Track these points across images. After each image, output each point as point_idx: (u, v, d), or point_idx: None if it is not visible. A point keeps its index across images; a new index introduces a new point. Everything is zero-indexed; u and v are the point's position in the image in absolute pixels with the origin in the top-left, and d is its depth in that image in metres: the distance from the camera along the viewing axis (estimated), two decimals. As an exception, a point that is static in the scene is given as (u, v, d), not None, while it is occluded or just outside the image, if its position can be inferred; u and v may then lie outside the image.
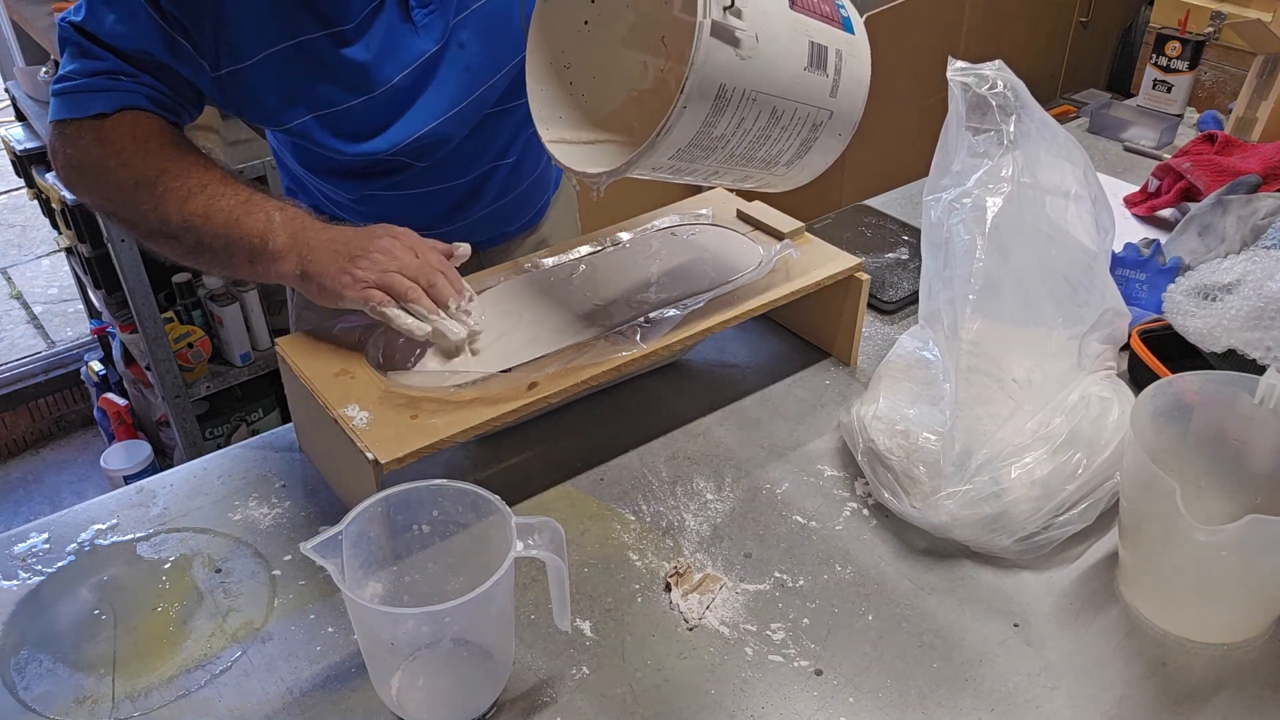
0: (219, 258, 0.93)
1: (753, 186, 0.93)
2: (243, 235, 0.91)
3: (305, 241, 0.91)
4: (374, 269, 0.89)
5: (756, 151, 0.85)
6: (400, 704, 0.73)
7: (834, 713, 0.73)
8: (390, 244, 0.91)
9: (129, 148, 0.93)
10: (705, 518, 0.90)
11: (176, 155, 0.94)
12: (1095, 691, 0.75)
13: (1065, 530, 0.83)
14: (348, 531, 0.69)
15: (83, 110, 0.92)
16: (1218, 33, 1.91)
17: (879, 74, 0.93)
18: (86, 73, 0.92)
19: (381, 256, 0.89)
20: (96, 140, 0.93)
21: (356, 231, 0.93)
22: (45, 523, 0.91)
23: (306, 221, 0.93)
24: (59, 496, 2.55)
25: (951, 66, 0.92)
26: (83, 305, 2.80)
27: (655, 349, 0.91)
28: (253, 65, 0.94)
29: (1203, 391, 0.83)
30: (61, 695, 0.75)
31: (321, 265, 0.90)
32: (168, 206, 0.92)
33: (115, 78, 0.92)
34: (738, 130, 0.80)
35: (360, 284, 0.88)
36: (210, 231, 0.91)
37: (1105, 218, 0.93)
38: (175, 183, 0.92)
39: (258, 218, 0.91)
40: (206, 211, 0.91)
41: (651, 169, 0.82)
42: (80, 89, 0.92)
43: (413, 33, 0.99)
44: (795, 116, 0.83)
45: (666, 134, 0.76)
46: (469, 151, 1.10)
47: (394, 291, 0.88)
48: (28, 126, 2.27)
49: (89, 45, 0.92)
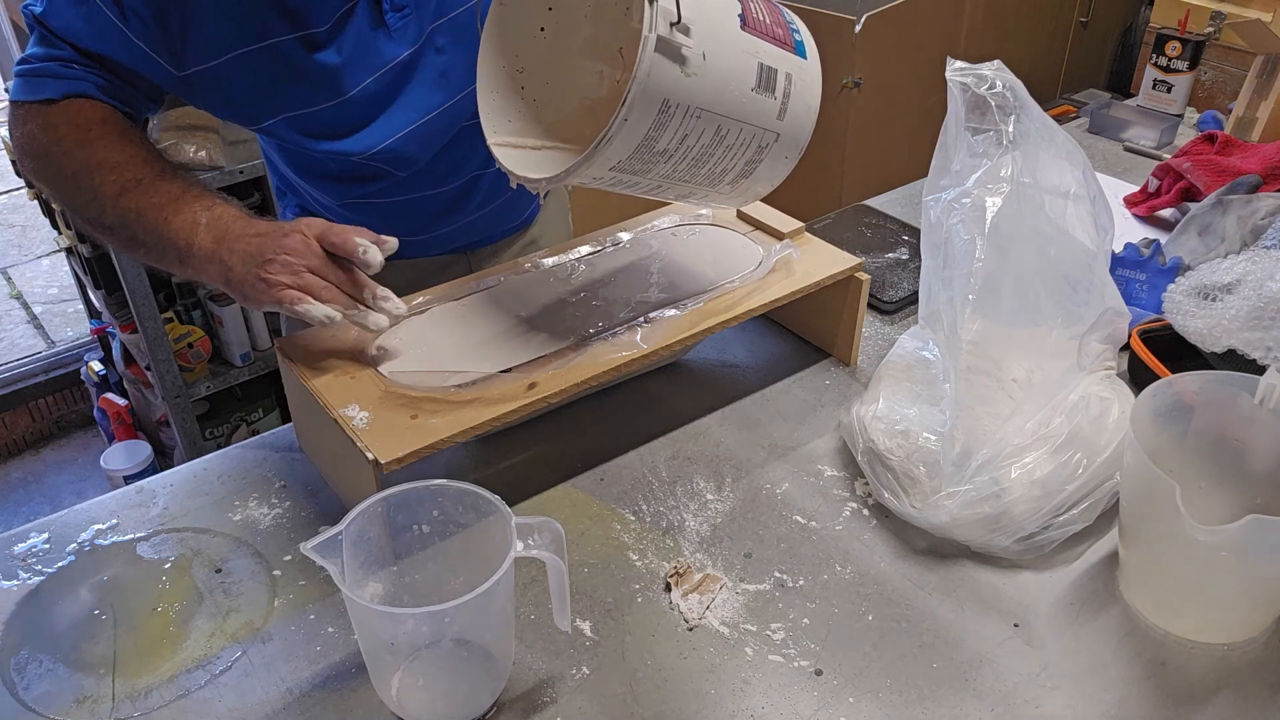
0: (153, 254, 0.92)
1: (697, 203, 0.93)
2: (170, 236, 0.89)
3: (228, 245, 0.89)
4: (285, 271, 0.87)
5: (700, 169, 0.84)
6: (400, 704, 0.73)
7: (834, 713, 0.73)
8: (294, 242, 0.88)
9: (70, 135, 0.92)
10: (705, 518, 0.90)
11: (117, 146, 0.93)
12: (1095, 691, 0.75)
13: (1065, 530, 0.83)
14: (348, 531, 0.69)
15: (33, 94, 0.92)
16: (1218, 33, 1.91)
17: (879, 75, 0.93)
18: (44, 57, 0.92)
19: (289, 258, 0.87)
20: (41, 125, 0.93)
21: (267, 230, 0.90)
22: (45, 523, 0.91)
23: (232, 224, 0.90)
24: (59, 496, 2.55)
25: (951, 67, 0.92)
26: (83, 305, 2.80)
27: (655, 349, 0.91)
28: (221, 65, 0.93)
29: (1203, 391, 0.83)
30: (61, 695, 0.75)
31: (237, 274, 0.88)
32: (103, 199, 0.91)
33: (69, 65, 0.92)
34: (680, 146, 0.80)
35: (274, 287, 0.86)
36: (142, 228, 0.91)
37: (1105, 218, 0.93)
38: (111, 175, 0.91)
39: (185, 218, 0.90)
40: (139, 208, 0.91)
41: (593, 179, 0.81)
42: (35, 73, 0.92)
43: (386, 37, 0.98)
44: (740, 137, 0.83)
45: (607, 144, 0.76)
46: (451, 160, 1.09)
47: (310, 290, 0.86)
48: (28, 126, 2.27)
49: (45, 33, 0.92)
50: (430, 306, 0.97)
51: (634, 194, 0.88)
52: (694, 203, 0.93)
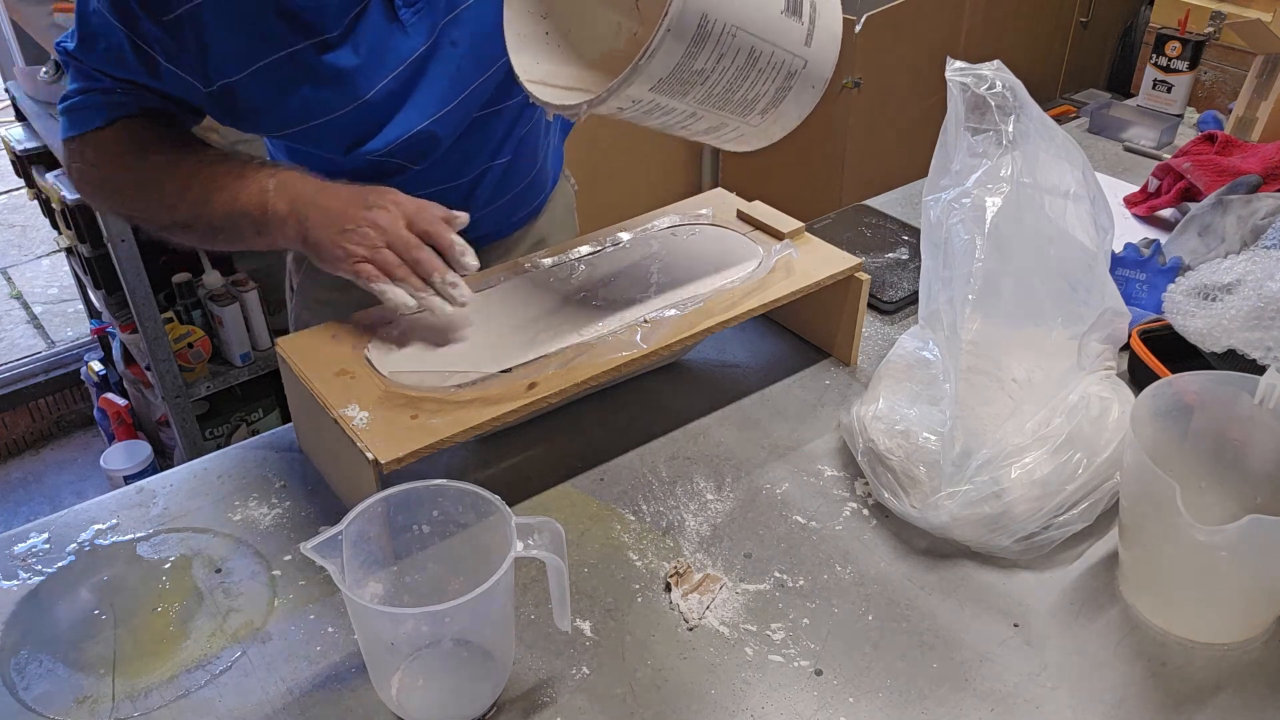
0: (231, 236, 0.95)
1: (726, 140, 0.93)
2: (243, 210, 0.92)
3: (303, 205, 0.92)
4: (365, 243, 0.89)
5: (734, 93, 0.85)
6: (400, 704, 0.73)
7: (834, 713, 0.73)
8: (380, 215, 0.90)
9: (127, 152, 0.97)
10: (705, 518, 0.90)
11: (170, 148, 0.97)
12: (1095, 691, 0.75)
13: (1065, 530, 0.83)
14: (348, 531, 0.69)
15: (82, 126, 0.97)
16: (1218, 33, 1.91)
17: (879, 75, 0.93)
18: (85, 90, 0.97)
19: (371, 231, 0.89)
20: (97, 151, 0.98)
21: (350, 195, 0.92)
22: (45, 523, 0.91)
23: (302, 185, 0.93)
24: (59, 496, 2.55)
25: (950, 67, 0.92)
26: (83, 305, 2.80)
27: (655, 349, 0.91)
28: (243, 79, 0.94)
29: (1203, 391, 0.83)
30: (61, 695, 0.75)
31: (317, 234, 0.90)
32: (173, 199, 0.95)
33: (108, 93, 0.96)
34: (717, 66, 0.81)
35: (352, 259, 0.89)
36: (216, 213, 0.94)
37: (1104, 217, 0.93)
38: (173, 173, 0.96)
39: (252, 189, 0.93)
40: (206, 195, 0.94)
41: (632, 102, 0.81)
42: (78, 106, 0.97)
43: (401, 32, 0.98)
44: (772, 60, 0.84)
45: (649, 60, 0.77)
46: (462, 152, 1.10)
47: (384, 267, 0.88)
48: (28, 126, 2.27)
49: (83, 67, 0.96)
50: (430, 306, 0.97)
51: (666, 127, 0.88)
52: (725, 139, 0.93)
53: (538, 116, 1.16)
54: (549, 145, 1.24)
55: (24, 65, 2.30)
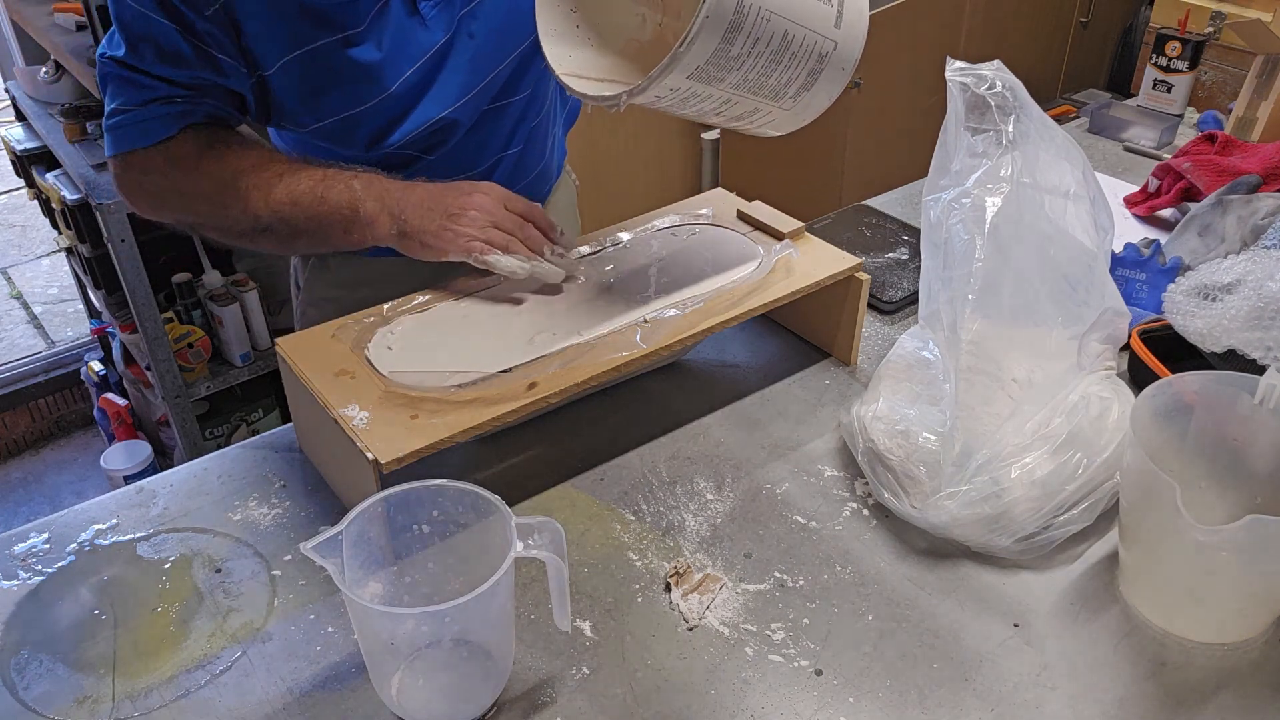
0: (314, 237, 0.99)
1: (758, 125, 0.94)
2: (331, 210, 0.97)
3: (394, 202, 0.97)
4: (474, 225, 0.96)
5: (768, 79, 0.86)
6: (400, 704, 0.73)
7: (834, 713, 0.73)
8: (482, 200, 0.98)
9: (202, 159, 0.98)
10: (705, 518, 0.90)
11: (246, 153, 0.99)
12: (1095, 691, 0.75)
13: (1065, 530, 0.83)
14: (348, 531, 0.69)
15: (148, 138, 0.96)
16: (1218, 33, 1.91)
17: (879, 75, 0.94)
18: (139, 102, 0.95)
19: (477, 214, 0.97)
20: (168, 161, 0.97)
21: (443, 188, 0.99)
22: (45, 523, 0.91)
23: (386, 183, 0.99)
24: (59, 496, 2.55)
25: (950, 67, 0.92)
26: (83, 305, 2.80)
27: (655, 349, 0.91)
28: (275, 73, 0.96)
29: (1203, 391, 0.83)
30: (61, 695, 0.75)
31: (420, 224, 0.96)
32: (254, 203, 0.97)
33: (171, 101, 0.96)
34: (752, 51, 0.83)
35: (463, 238, 0.96)
36: (301, 215, 0.97)
37: (1104, 217, 0.93)
38: (254, 178, 0.97)
39: (340, 190, 0.97)
40: (292, 198, 0.97)
41: (670, 90, 0.83)
42: (138, 119, 0.96)
43: (421, 25, 1.00)
44: (804, 44, 0.86)
45: (688, 47, 0.78)
46: (476, 142, 1.11)
47: (495, 244, 0.96)
48: (28, 126, 2.27)
49: (136, 77, 0.94)
50: (430, 306, 0.97)
51: (700, 115, 0.89)
52: (758, 125, 0.94)
53: (546, 108, 1.17)
54: (554, 137, 1.24)
55: (24, 65, 2.30)
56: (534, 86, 1.12)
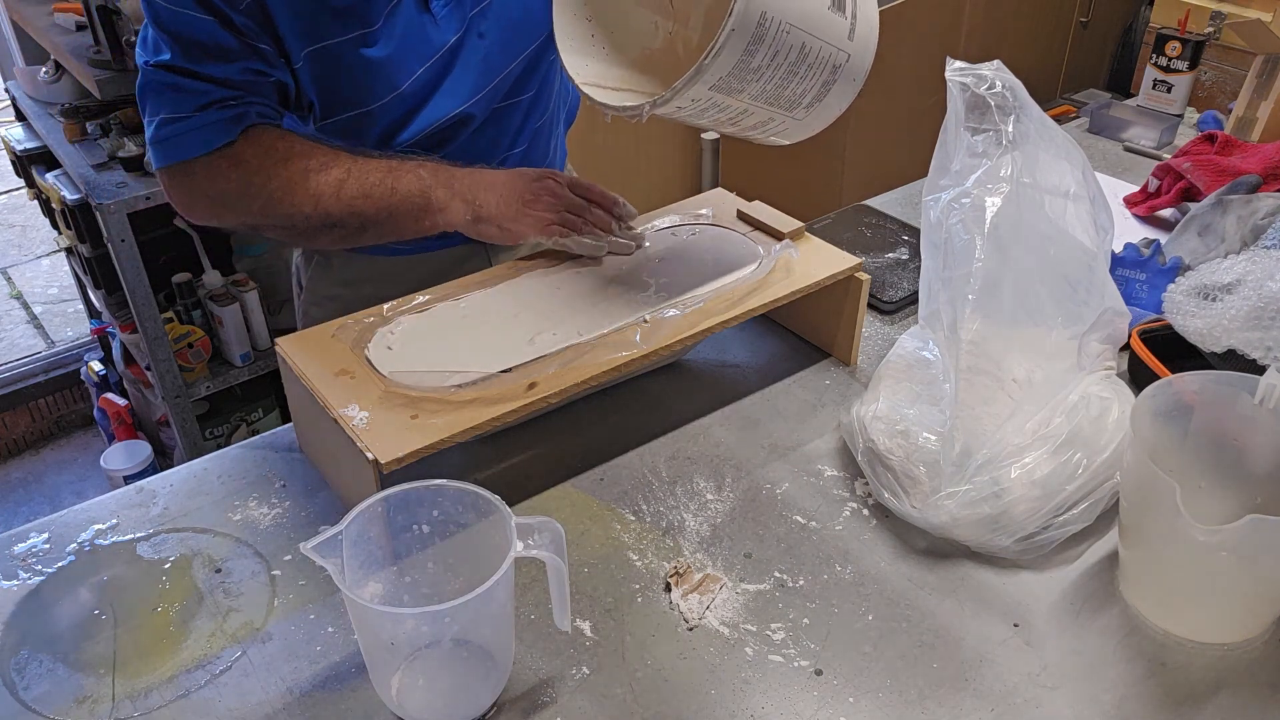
0: (384, 228, 1.02)
1: (770, 134, 0.95)
2: (404, 199, 1.00)
3: (465, 188, 1.02)
4: (550, 210, 1.02)
5: (784, 89, 0.88)
6: (400, 704, 0.73)
7: (834, 713, 0.73)
8: (552, 185, 1.03)
9: (268, 161, 0.98)
10: (705, 518, 0.90)
11: (309, 152, 1.00)
12: (1095, 691, 0.75)
13: (1065, 530, 0.83)
14: (348, 531, 0.69)
15: (209, 145, 0.96)
16: (1218, 33, 1.91)
17: (879, 75, 0.94)
18: (191, 108, 0.95)
19: (551, 198, 1.02)
20: (233, 165, 0.97)
21: (510, 175, 1.04)
22: (45, 523, 0.91)
23: (452, 170, 1.03)
24: (59, 496, 2.55)
25: (950, 67, 0.92)
26: (83, 305, 2.80)
27: (655, 349, 0.91)
28: (300, 67, 0.98)
29: (1203, 391, 0.83)
30: (61, 695, 0.75)
31: (497, 209, 1.02)
32: (325, 199, 0.99)
33: (225, 106, 0.95)
34: (772, 63, 0.84)
35: (542, 221, 1.02)
36: (374, 208, 1.00)
37: (1104, 217, 0.93)
38: (322, 176, 0.99)
39: (408, 180, 1.00)
40: (364, 191, 0.99)
41: (691, 100, 0.84)
42: (194, 126, 0.95)
43: (432, 24, 1.01)
44: (820, 55, 0.87)
45: (714, 58, 0.80)
46: (485, 141, 1.12)
47: (570, 227, 1.02)
48: (28, 126, 2.27)
49: (185, 82, 0.94)
50: (430, 306, 0.97)
51: (716, 124, 0.91)
52: (770, 134, 0.95)
53: (551, 107, 1.17)
54: (557, 137, 1.25)
55: (24, 65, 2.30)
56: (540, 86, 1.12)
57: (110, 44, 1.87)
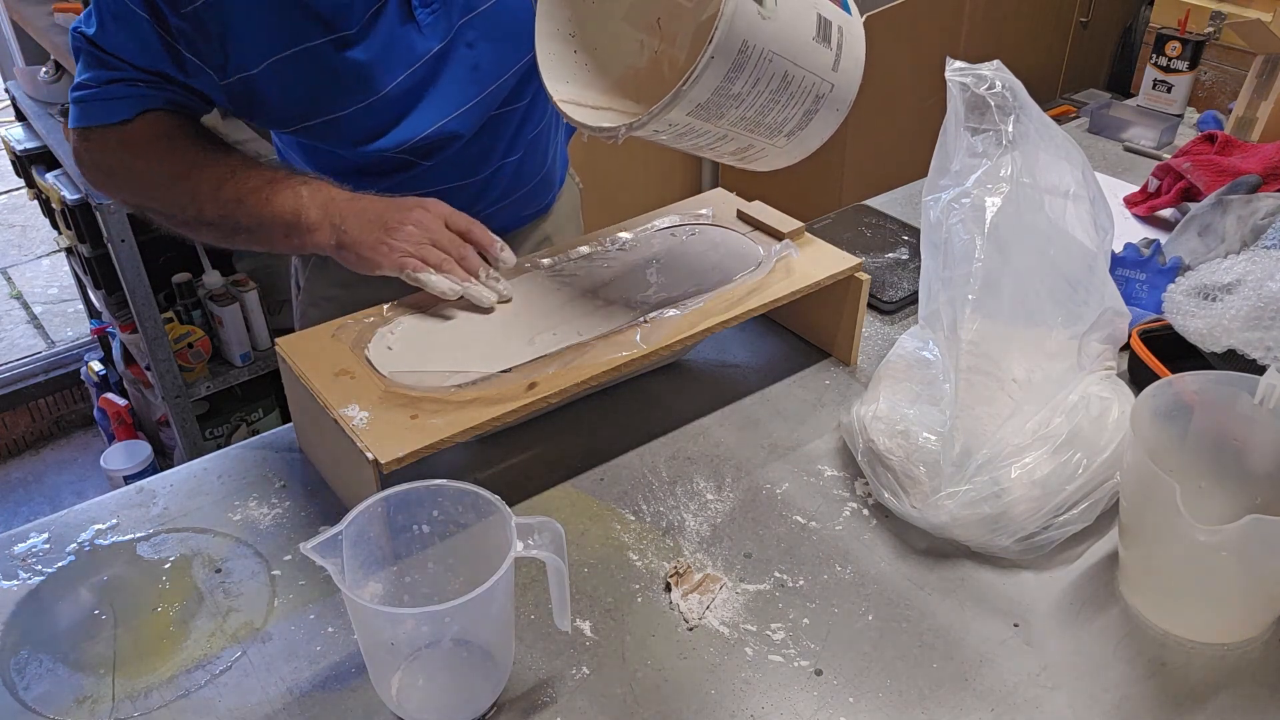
0: (255, 236, 0.99)
1: (750, 160, 0.94)
2: (276, 214, 0.97)
3: (337, 212, 0.97)
4: (410, 241, 0.95)
5: (765, 116, 0.87)
6: (400, 704, 0.73)
7: (834, 713, 0.73)
8: (422, 216, 0.97)
9: (156, 146, 0.98)
10: (705, 518, 0.90)
11: (201, 147, 0.99)
12: (1095, 691, 0.75)
13: (1065, 530, 0.83)
14: (348, 531, 0.69)
15: (106, 117, 0.97)
16: (1218, 33, 1.91)
17: (879, 75, 0.94)
18: (103, 80, 0.96)
19: (415, 229, 0.95)
20: (122, 143, 0.98)
21: (386, 203, 0.98)
22: (45, 523, 0.91)
23: (333, 192, 0.98)
24: (59, 496, 2.55)
25: (950, 67, 0.92)
26: (83, 305, 2.80)
27: (655, 349, 0.91)
28: (260, 72, 0.96)
29: (1203, 391, 0.83)
30: (61, 695, 0.75)
31: (357, 235, 0.96)
32: (202, 197, 0.97)
33: (133, 84, 0.96)
34: (753, 90, 0.83)
35: (397, 253, 0.94)
36: (245, 214, 0.97)
37: (1104, 217, 0.93)
38: (205, 173, 0.97)
39: (287, 195, 0.97)
40: (239, 196, 0.97)
41: (669, 124, 0.83)
42: (99, 96, 0.96)
43: (416, 32, 0.99)
44: (802, 85, 0.87)
45: (692, 85, 0.79)
46: (477, 151, 1.11)
47: (429, 262, 0.94)
48: (28, 126, 2.27)
49: (102, 55, 0.95)
50: (430, 306, 0.97)
51: (696, 148, 0.90)
52: (750, 159, 0.95)
53: (549, 116, 1.17)
54: (557, 145, 1.24)
55: (24, 65, 2.30)
56: (535, 94, 1.12)
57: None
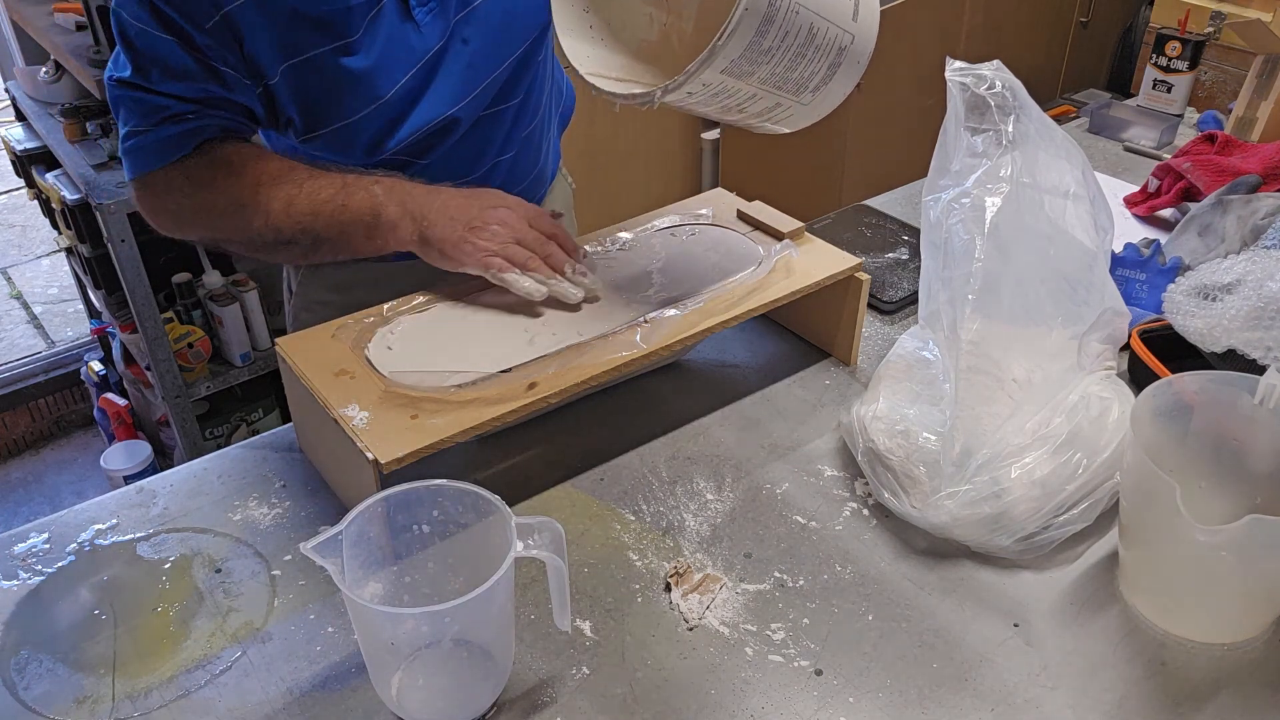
0: (336, 245, 0.99)
1: (776, 120, 0.95)
2: (354, 218, 0.97)
3: (417, 207, 0.97)
4: (494, 240, 0.95)
5: (792, 72, 0.87)
6: (400, 704, 0.73)
7: (834, 713, 0.73)
8: (506, 214, 0.97)
9: (220, 175, 0.97)
10: (705, 518, 0.90)
11: (264, 166, 0.98)
12: (1095, 691, 0.75)
13: (1065, 530, 0.83)
14: (348, 531, 0.69)
15: (164, 157, 0.96)
16: (1218, 33, 1.91)
17: (879, 75, 0.94)
18: (152, 123, 0.95)
19: (500, 228, 0.96)
20: (187, 180, 0.97)
21: (467, 197, 0.98)
22: (45, 523, 0.91)
23: (409, 187, 0.98)
24: (59, 496, 2.55)
25: (950, 67, 0.92)
26: (83, 305, 2.80)
27: (655, 349, 0.91)
28: (276, 82, 0.96)
29: (1203, 391, 0.83)
30: (61, 695, 0.75)
31: (441, 232, 0.96)
32: (275, 216, 0.97)
33: (182, 119, 0.95)
34: (782, 44, 0.84)
35: (482, 252, 0.95)
36: (323, 225, 0.97)
37: (1104, 217, 0.93)
38: (274, 190, 0.97)
39: (362, 197, 0.97)
40: (313, 208, 0.97)
41: (703, 85, 0.84)
42: (153, 140, 0.95)
43: (415, 31, 0.99)
44: (827, 37, 0.87)
45: (727, 40, 0.79)
46: (471, 148, 1.11)
47: (514, 261, 0.95)
48: (28, 126, 2.27)
49: (144, 97, 0.94)
50: (430, 306, 0.97)
51: (724, 111, 0.90)
52: (776, 119, 0.95)
53: (541, 113, 1.17)
54: (549, 141, 1.24)
55: (24, 65, 2.30)
56: (527, 92, 1.11)
57: (110, 44, 1.86)
